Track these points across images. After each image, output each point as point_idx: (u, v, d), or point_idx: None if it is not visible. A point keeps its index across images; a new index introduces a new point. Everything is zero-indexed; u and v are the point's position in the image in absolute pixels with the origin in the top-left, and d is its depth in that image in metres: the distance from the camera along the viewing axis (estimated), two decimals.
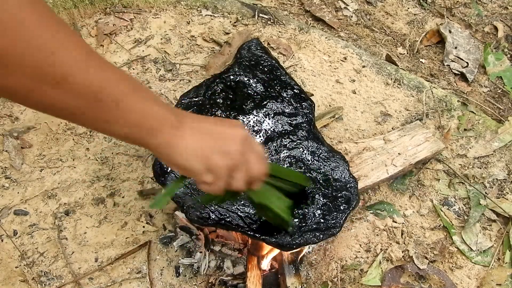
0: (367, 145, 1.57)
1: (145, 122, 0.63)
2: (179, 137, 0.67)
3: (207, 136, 0.70)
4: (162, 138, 0.65)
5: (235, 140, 0.73)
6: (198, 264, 1.34)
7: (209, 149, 0.70)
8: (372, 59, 1.96)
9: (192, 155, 0.68)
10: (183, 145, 0.67)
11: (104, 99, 0.58)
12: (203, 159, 0.69)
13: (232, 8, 2.06)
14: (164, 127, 0.65)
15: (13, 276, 1.29)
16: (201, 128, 0.70)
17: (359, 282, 1.36)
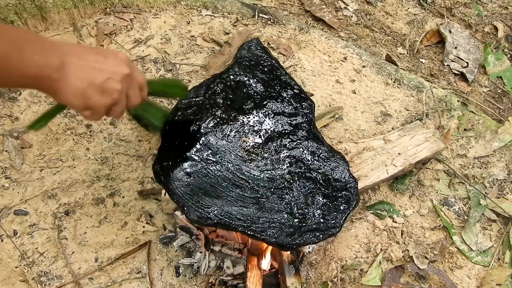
0: (367, 145, 1.57)
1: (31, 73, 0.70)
2: (62, 79, 0.74)
3: (88, 75, 0.76)
4: (48, 83, 0.73)
5: (115, 79, 0.79)
6: (198, 264, 1.34)
7: (89, 89, 0.76)
8: (372, 59, 1.96)
9: (72, 96, 0.76)
10: (65, 87, 0.75)
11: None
12: (83, 98, 0.77)
13: (232, 8, 2.06)
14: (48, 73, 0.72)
15: (13, 276, 1.29)
16: (83, 66, 0.76)
17: (359, 282, 1.36)
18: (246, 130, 1.25)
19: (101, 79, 0.78)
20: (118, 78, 0.80)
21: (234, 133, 1.23)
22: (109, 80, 0.79)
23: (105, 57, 0.80)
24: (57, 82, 0.74)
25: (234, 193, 1.12)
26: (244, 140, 1.23)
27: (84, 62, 0.77)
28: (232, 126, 1.25)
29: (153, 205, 1.45)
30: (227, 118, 1.26)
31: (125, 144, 1.58)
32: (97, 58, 0.79)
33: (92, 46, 0.83)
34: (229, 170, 1.16)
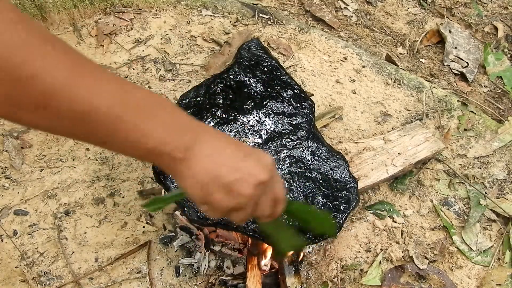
0: (367, 145, 1.57)
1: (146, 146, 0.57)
2: (184, 163, 0.60)
3: (217, 169, 0.62)
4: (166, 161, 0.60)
5: (248, 183, 0.64)
6: (198, 264, 1.34)
7: (212, 184, 0.62)
8: (372, 59, 1.96)
9: (193, 186, 0.62)
10: (186, 173, 0.61)
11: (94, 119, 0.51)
12: (203, 192, 0.63)
13: (232, 8, 2.06)
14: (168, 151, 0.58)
15: (13, 276, 1.29)
16: (214, 158, 0.62)
17: (359, 282, 1.36)
18: (246, 130, 1.25)
19: (232, 178, 0.63)
20: (251, 182, 0.64)
21: (234, 133, 1.23)
22: (241, 182, 0.63)
23: (245, 155, 0.66)
24: (179, 163, 0.60)
25: None
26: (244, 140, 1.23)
27: (219, 152, 0.63)
28: (232, 126, 1.25)
29: None
30: (227, 118, 1.26)
31: None
32: (235, 153, 0.65)
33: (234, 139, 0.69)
34: None
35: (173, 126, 0.59)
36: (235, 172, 0.63)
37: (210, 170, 0.61)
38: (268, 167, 0.67)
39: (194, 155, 0.60)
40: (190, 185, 0.62)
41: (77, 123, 0.51)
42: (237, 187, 0.63)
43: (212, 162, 0.62)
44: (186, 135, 0.60)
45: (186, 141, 0.60)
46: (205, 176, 0.61)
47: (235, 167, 0.63)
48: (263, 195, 0.68)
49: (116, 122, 0.53)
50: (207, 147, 0.62)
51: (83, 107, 0.50)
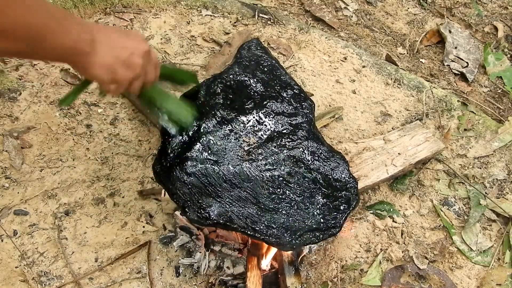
0: (367, 145, 1.57)
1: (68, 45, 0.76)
2: (92, 54, 0.81)
3: (114, 50, 0.84)
4: (79, 56, 0.80)
5: (138, 54, 0.88)
6: (198, 264, 1.34)
7: (116, 64, 0.84)
8: (372, 59, 1.96)
9: (101, 69, 0.83)
10: (94, 61, 0.81)
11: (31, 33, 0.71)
12: (110, 72, 0.84)
13: (232, 8, 2.06)
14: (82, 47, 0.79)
15: (13, 276, 1.29)
16: (110, 42, 0.84)
17: (359, 282, 1.36)
18: (246, 130, 1.25)
19: (126, 54, 0.86)
20: (140, 53, 0.88)
21: (234, 133, 1.23)
22: (133, 55, 0.87)
23: (127, 35, 0.89)
24: (88, 56, 0.80)
25: (234, 193, 1.12)
26: (244, 140, 1.23)
27: (111, 39, 0.84)
28: (232, 126, 1.25)
29: (153, 205, 1.45)
30: (227, 118, 1.26)
31: (125, 144, 1.58)
32: (120, 36, 0.87)
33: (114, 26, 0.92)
34: (229, 170, 1.16)
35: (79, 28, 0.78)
36: (127, 50, 0.86)
37: (111, 54, 0.84)
38: (144, 39, 0.92)
39: (97, 47, 0.81)
40: (99, 70, 0.83)
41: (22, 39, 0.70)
42: (132, 60, 0.87)
43: (110, 48, 0.84)
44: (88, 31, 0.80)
45: (89, 36, 0.80)
46: (109, 59, 0.83)
47: (126, 47, 0.87)
48: (149, 63, 0.92)
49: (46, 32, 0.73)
50: (103, 38, 0.83)
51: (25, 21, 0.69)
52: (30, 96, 1.65)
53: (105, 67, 0.83)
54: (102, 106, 1.66)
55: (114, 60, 0.84)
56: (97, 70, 0.83)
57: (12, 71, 1.70)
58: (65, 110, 1.63)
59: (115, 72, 0.85)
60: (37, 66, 1.74)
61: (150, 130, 1.62)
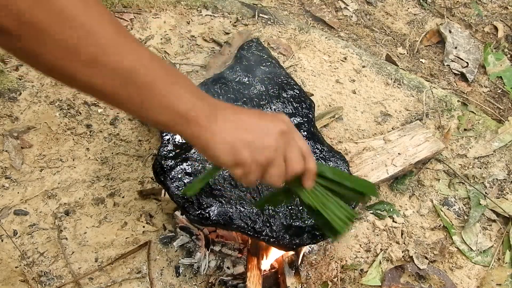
0: (367, 145, 1.57)
1: (177, 109, 0.62)
2: (211, 130, 0.66)
3: (240, 129, 0.68)
4: (194, 128, 0.65)
5: (270, 135, 0.70)
6: (198, 264, 1.34)
7: (239, 143, 0.68)
8: (372, 59, 1.96)
9: (221, 149, 0.67)
10: (214, 139, 0.66)
11: (137, 80, 0.57)
12: (231, 153, 0.68)
13: (232, 8, 2.06)
14: (196, 117, 0.64)
15: (13, 276, 1.29)
16: (235, 120, 0.69)
17: (359, 282, 1.36)
18: None
19: (255, 133, 0.69)
20: (273, 133, 0.71)
21: None
22: (264, 135, 0.70)
23: (261, 114, 0.74)
24: (204, 130, 0.65)
25: (234, 193, 1.12)
26: None
27: (236, 116, 0.70)
28: None
29: (153, 205, 1.45)
30: None
31: (125, 144, 1.58)
32: (251, 116, 0.72)
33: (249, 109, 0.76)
34: None
35: (197, 95, 0.65)
36: (254, 129, 0.69)
37: (234, 132, 0.68)
38: (285, 120, 0.74)
39: (217, 122, 0.66)
40: (218, 150, 0.67)
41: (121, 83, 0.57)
42: (261, 141, 0.69)
43: (234, 125, 0.68)
44: (208, 103, 0.66)
45: (209, 109, 0.66)
46: (231, 138, 0.67)
47: (256, 124, 0.70)
48: (288, 147, 0.73)
49: (153, 85, 0.59)
50: (226, 114, 0.68)
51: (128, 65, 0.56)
52: (30, 96, 1.65)
53: (224, 146, 0.67)
54: (102, 106, 1.66)
55: (238, 138, 0.68)
56: (217, 150, 0.67)
57: (12, 71, 1.70)
58: (65, 110, 1.63)
59: (239, 153, 0.68)
60: None
61: (150, 130, 1.62)
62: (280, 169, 0.73)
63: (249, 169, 0.70)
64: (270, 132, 0.71)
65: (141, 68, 0.57)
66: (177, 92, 0.62)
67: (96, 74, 0.55)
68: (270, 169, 0.72)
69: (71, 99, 1.66)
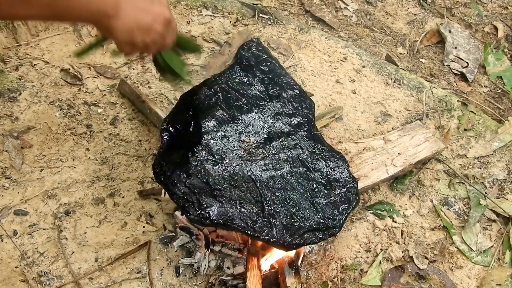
0: (367, 145, 1.57)
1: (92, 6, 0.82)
2: (115, 17, 0.85)
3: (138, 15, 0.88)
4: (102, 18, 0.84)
5: (159, 21, 0.92)
6: (198, 264, 1.34)
7: (136, 28, 0.89)
8: (372, 59, 1.96)
9: (122, 32, 0.88)
10: (116, 23, 0.86)
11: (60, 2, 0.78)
12: (129, 35, 0.89)
13: (232, 8, 2.06)
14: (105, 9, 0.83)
15: (13, 276, 1.29)
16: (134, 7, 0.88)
17: (359, 282, 1.36)
18: (246, 130, 1.25)
19: (148, 20, 0.90)
20: (161, 20, 0.93)
21: (234, 133, 1.24)
22: (154, 21, 0.91)
23: (152, 1, 0.92)
24: (111, 18, 0.85)
25: (234, 193, 1.12)
26: (244, 140, 1.23)
27: (136, 3, 0.89)
28: (232, 126, 1.25)
29: (153, 205, 1.45)
30: (227, 118, 1.26)
31: (125, 144, 1.58)
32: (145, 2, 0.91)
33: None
34: (229, 170, 1.16)
35: None
36: (149, 15, 0.90)
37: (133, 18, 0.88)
38: (167, 7, 0.96)
39: (120, 10, 0.85)
40: (120, 32, 0.88)
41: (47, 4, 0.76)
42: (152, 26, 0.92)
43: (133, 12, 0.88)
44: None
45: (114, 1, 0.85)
46: (130, 23, 0.88)
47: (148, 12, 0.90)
48: (168, 31, 0.96)
49: None
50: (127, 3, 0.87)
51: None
52: (30, 96, 1.65)
53: (125, 30, 0.88)
54: (102, 106, 1.66)
55: (135, 24, 0.89)
56: (118, 32, 0.88)
57: (12, 71, 1.70)
58: (65, 110, 1.63)
59: (134, 36, 0.90)
60: (37, 66, 1.74)
61: (150, 130, 1.62)
62: (158, 46, 0.98)
63: (138, 47, 0.93)
64: (159, 18, 0.92)
65: None
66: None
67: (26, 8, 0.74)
68: (151, 46, 0.95)
69: (71, 99, 1.66)
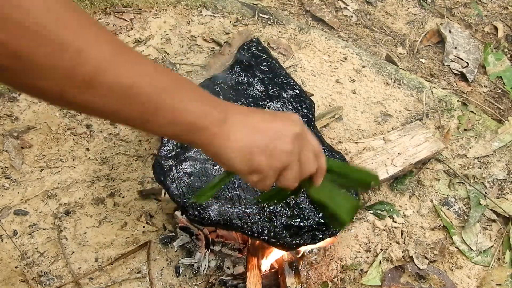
0: (367, 145, 1.57)
1: (185, 120, 0.59)
2: (222, 136, 0.63)
3: (254, 134, 0.66)
4: (204, 136, 0.62)
5: (284, 139, 0.68)
6: (198, 264, 1.34)
7: (254, 149, 0.66)
8: (372, 59, 1.96)
9: (235, 156, 0.65)
10: (226, 145, 0.64)
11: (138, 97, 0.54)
12: (246, 160, 0.66)
13: (232, 8, 2.06)
14: (206, 125, 0.61)
15: (13, 276, 1.29)
16: (248, 124, 0.66)
17: (359, 282, 1.36)
18: None
19: (269, 138, 0.67)
20: (287, 137, 0.68)
21: None
22: (278, 139, 0.68)
23: (273, 116, 0.71)
24: (216, 137, 0.63)
25: (234, 193, 1.12)
26: None
27: (247, 118, 0.67)
28: None
29: (153, 205, 1.45)
30: None
31: (125, 144, 1.58)
32: (262, 115, 0.70)
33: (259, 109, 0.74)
34: None
35: (205, 102, 0.62)
36: (267, 134, 0.67)
37: (248, 138, 0.65)
38: (298, 121, 0.71)
39: (228, 127, 0.63)
40: (232, 157, 0.65)
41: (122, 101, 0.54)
42: (276, 146, 0.67)
43: (247, 130, 0.65)
44: (217, 109, 0.63)
45: (219, 115, 0.63)
46: (244, 144, 0.65)
47: (270, 128, 0.67)
48: (303, 149, 0.71)
49: (157, 99, 0.56)
50: (238, 118, 0.65)
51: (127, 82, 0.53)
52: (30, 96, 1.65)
53: (238, 151, 0.65)
54: None
55: (252, 144, 0.65)
56: (230, 157, 0.65)
57: None
58: (65, 110, 1.63)
59: (253, 160, 0.66)
60: None
61: None
62: (296, 172, 0.72)
63: (265, 175, 0.68)
64: (284, 136, 0.68)
65: (142, 83, 0.54)
66: (183, 102, 0.59)
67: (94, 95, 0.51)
68: (286, 172, 0.70)
69: None
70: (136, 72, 0.54)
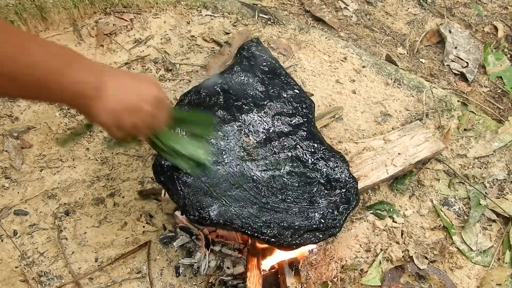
0: (367, 145, 1.57)
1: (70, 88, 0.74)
2: (98, 98, 0.77)
3: (122, 95, 0.81)
4: (84, 100, 0.76)
5: (146, 100, 0.85)
6: (198, 264, 1.34)
7: (121, 110, 0.81)
8: (372, 59, 1.96)
9: (106, 115, 0.79)
10: (99, 106, 0.78)
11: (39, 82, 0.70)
12: (115, 118, 0.81)
13: (232, 8, 2.06)
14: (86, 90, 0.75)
15: (13, 276, 1.29)
16: (118, 88, 0.81)
17: (359, 282, 1.36)
18: (246, 130, 1.25)
19: (134, 100, 0.83)
20: (148, 99, 0.85)
21: (234, 133, 1.24)
22: (141, 101, 0.84)
23: (138, 80, 0.86)
24: (93, 100, 0.77)
25: (234, 193, 1.12)
26: (244, 140, 1.23)
27: (119, 83, 0.81)
28: (232, 126, 1.25)
29: (153, 205, 1.45)
30: (227, 118, 1.26)
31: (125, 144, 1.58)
32: (130, 80, 0.84)
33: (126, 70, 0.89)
34: (229, 170, 1.16)
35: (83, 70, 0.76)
36: (135, 95, 0.83)
37: (117, 100, 0.80)
38: (156, 84, 0.89)
39: (103, 91, 0.77)
40: (104, 116, 0.79)
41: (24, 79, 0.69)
42: (139, 106, 0.84)
43: (117, 93, 0.80)
44: (93, 74, 0.77)
45: (95, 80, 0.77)
46: (114, 105, 0.80)
47: (134, 92, 0.83)
48: (159, 110, 0.88)
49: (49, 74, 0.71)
50: (111, 82, 0.79)
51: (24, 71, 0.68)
52: None
53: (110, 113, 0.80)
54: None
55: (120, 105, 0.81)
56: (101, 116, 0.79)
57: None
58: (65, 110, 1.63)
59: (121, 118, 0.82)
60: None
61: None
62: (150, 127, 0.89)
63: (127, 130, 0.84)
64: (146, 97, 0.85)
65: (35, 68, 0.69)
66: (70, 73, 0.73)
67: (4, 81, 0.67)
68: (142, 128, 0.87)
69: None
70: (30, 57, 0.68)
